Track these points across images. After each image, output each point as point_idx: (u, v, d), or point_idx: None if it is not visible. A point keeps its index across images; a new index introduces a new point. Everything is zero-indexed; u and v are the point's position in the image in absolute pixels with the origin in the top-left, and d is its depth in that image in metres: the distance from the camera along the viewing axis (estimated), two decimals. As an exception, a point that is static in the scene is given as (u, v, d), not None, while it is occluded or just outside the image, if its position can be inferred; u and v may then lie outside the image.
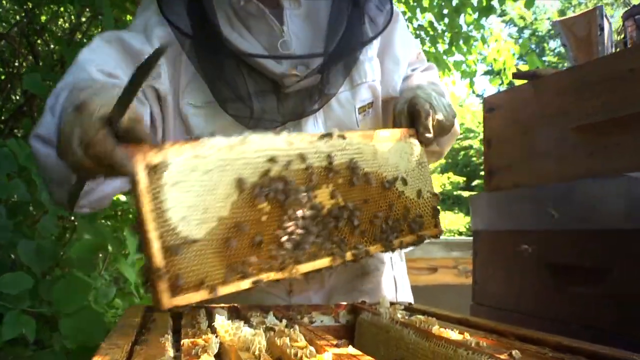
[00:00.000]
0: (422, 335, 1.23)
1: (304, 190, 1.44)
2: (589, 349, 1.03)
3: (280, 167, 1.42)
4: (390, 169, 1.63)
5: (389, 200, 1.62)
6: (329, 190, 1.51)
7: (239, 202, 1.36)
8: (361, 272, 1.98)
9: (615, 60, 1.67)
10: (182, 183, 1.28)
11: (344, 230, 1.54)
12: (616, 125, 1.61)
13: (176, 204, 1.26)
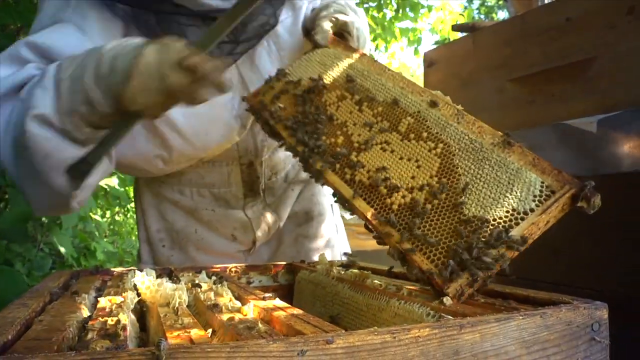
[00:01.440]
0: (357, 288, 1.20)
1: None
2: (521, 293, 1.01)
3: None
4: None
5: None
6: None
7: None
8: (305, 218, 2.08)
9: (552, 9, 1.65)
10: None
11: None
12: (554, 75, 1.59)
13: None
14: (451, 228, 1.08)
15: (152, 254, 2.01)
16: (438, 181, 1.17)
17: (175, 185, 1.95)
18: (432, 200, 1.14)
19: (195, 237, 1.98)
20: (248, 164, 1.91)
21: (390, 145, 1.30)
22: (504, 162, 1.14)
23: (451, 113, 1.29)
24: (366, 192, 1.24)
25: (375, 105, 1.40)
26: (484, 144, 1.19)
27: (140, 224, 2.05)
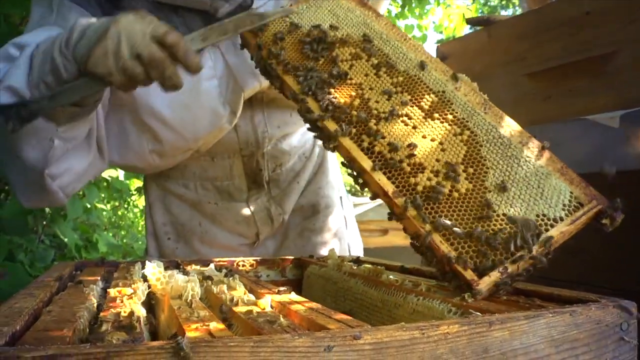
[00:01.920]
0: (371, 284, 1.17)
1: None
2: (544, 291, 0.98)
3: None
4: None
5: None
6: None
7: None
8: (312, 211, 2.04)
9: (571, 3, 1.61)
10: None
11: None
12: (573, 69, 1.56)
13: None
14: (479, 223, 1.03)
15: (158, 247, 2.01)
16: (464, 170, 1.10)
17: (179, 178, 1.94)
18: (459, 189, 1.08)
19: (199, 230, 1.97)
20: (249, 156, 1.88)
21: (412, 120, 1.20)
22: (534, 164, 1.10)
23: (478, 101, 1.23)
24: (386, 166, 1.13)
25: (394, 74, 1.29)
26: (513, 141, 1.14)
27: (147, 218, 2.05)
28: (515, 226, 1.01)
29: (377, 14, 1.48)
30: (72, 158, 1.48)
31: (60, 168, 1.46)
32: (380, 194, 1.12)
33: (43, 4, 1.62)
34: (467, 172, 1.10)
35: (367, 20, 1.44)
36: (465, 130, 1.17)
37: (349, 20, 1.44)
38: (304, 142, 2.05)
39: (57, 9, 1.58)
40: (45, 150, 1.38)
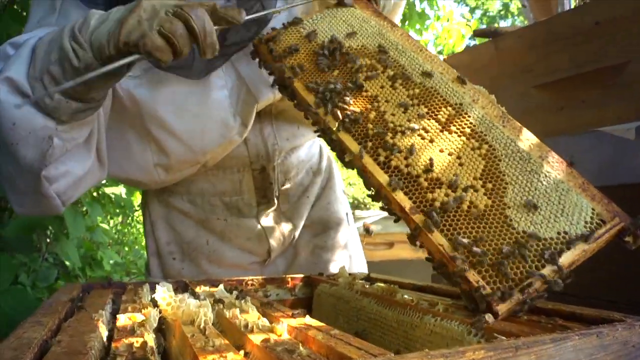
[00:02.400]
0: (384, 303, 1.14)
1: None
2: (565, 310, 0.95)
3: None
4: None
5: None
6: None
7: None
8: (322, 228, 2.01)
9: (580, 13, 1.60)
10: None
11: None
12: (583, 80, 1.54)
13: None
14: (499, 240, 1.00)
15: (162, 267, 1.93)
16: (483, 185, 1.08)
17: (184, 194, 1.88)
18: (478, 204, 1.05)
19: (207, 249, 1.90)
20: (260, 170, 1.84)
21: (429, 133, 1.17)
22: (554, 179, 1.08)
23: (496, 114, 1.21)
24: (403, 181, 1.11)
25: (411, 86, 1.27)
26: (532, 155, 1.12)
27: (148, 236, 1.96)
28: (530, 246, 0.98)
29: (393, 24, 1.46)
30: (71, 160, 1.42)
31: (58, 170, 1.39)
32: (397, 210, 1.10)
33: (44, 4, 1.56)
34: (485, 188, 1.07)
35: (382, 30, 1.43)
36: (484, 144, 1.14)
37: (364, 31, 1.43)
38: (311, 156, 2.03)
39: (59, 9, 1.53)
40: (43, 149, 1.32)
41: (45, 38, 1.30)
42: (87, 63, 1.21)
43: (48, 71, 1.24)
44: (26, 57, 1.28)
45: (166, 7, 1.19)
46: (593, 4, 1.56)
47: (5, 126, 1.27)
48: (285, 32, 1.47)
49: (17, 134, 1.28)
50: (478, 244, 0.99)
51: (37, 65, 1.25)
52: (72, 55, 1.21)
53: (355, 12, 1.49)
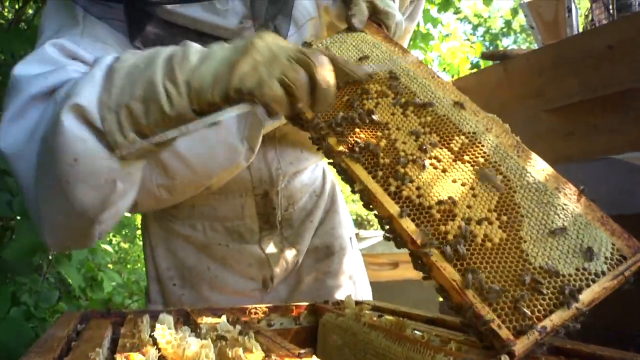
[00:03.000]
0: (393, 338, 1.10)
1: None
2: (585, 350, 0.91)
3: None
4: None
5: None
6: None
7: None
8: (326, 254, 1.97)
9: (590, 37, 1.57)
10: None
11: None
12: (594, 105, 1.51)
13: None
14: (515, 276, 0.96)
15: (162, 292, 1.89)
16: (498, 218, 1.03)
17: (186, 219, 1.84)
18: (492, 238, 1.01)
19: (208, 275, 1.86)
20: (263, 195, 1.80)
21: (441, 163, 1.14)
22: (572, 212, 1.04)
23: (510, 143, 1.17)
24: (415, 213, 1.06)
25: (422, 113, 1.23)
26: (548, 187, 1.08)
27: (148, 261, 1.92)
28: (548, 283, 0.94)
29: (403, 49, 1.43)
30: (122, 199, 1.27)
31: (111, 212, 1.25)
32: (408, 243, 1.05)
33: (61, 14, 1.46)
34: (500, 220, 1.03)
35: (393, 56, 1.40)
36: (498, 175, 1.10)
37: (375, 56, 1.40)
38: (314, 180, 2.00)
39: (83, 22, 1.42)
40: (105, 194, 1.17)
41: (126, 60, 1.15)
42: (180, 112, 1.08)
43: (127, 106, 1.09)
44: (100, 80, 1.12)
45: (286, 51, 1.08)
46: (604, 27, 1.54)
47: (64, 161, 1.11)
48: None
49: (77, 172, 1.12)
50: (494, 280, 0.96)
51: (114, 94, 1.10)
52: (165, 98, 1.07)
53: (365, 37, 1.46)
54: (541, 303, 0.92)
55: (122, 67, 1.12)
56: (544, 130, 1.66)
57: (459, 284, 0.95)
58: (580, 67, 1.57)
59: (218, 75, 1.06)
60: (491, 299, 0.93)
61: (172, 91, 1.07)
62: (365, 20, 1.51)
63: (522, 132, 1.71)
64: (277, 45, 1.08)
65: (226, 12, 1.50)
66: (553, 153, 1.62)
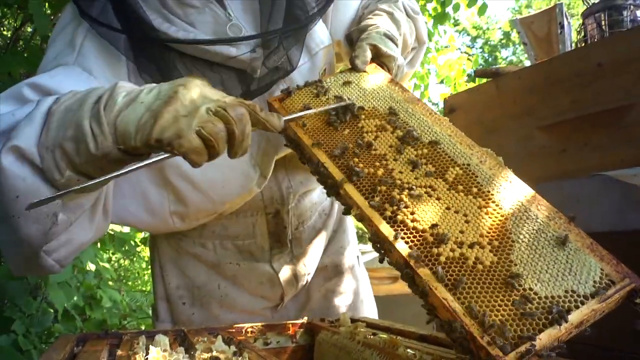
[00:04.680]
0: (387, 357, 1.11)
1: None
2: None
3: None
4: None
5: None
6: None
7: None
8: (335, 272, 1.98)
9: (581, 55, 1.59)
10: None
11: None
12: (586, 123, 1.52)
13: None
14: (505, 297, 0.98)
15: (171, 311, 1.87)
16: (489, 242, 1.07)
17: (196, 238, 1.82)
18: (483, 261, 1.03)
19: (218, 294, 1.84)
20: (274, 214, 1.80)
21: (435, 192, 1.18)
22: (562, 239, 1.06)
23: (503, 175, 1.21)
24: (409, 235, 1.10)
25: (419, 146, 1.29)
26: (539, 216, 1.11)
27: (157, 280, 1.90)
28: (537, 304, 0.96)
29: (403, 88, 1.50)
30: (75, 230, 1.31)
31: (59, 241, 1.28)
32: (402, 264, 1.08)
33: (61, 40, 1.50)
34: (492, 245, 1.06)
35: (393, 94, 1.46)
36: (491, 203, 1.14)
37: (375, 94, 1.47)
38: (323, 199, 2.00)
39: (78, 49, 1.46)
40: (46, 226, 1.21)
41: (63, 102, 1.18)
42: (106, 152, 1.10)
43: (61, 146, 1.12)
44: (39, 122, 1.16)
45: (207, 103, 1.09)
46: (595, 45, 1.56)
47: (7, 197, 1.15)
48: (299, 92, 1.51)
49: (20, 207, 1.15)
50: (484, 300, 0.97)
51: (50, 135, 1.14)
52: (91, 139, 1.10)
53: (367, 77, 1.54)
54: (530, 322, 0.94)
55: (58, 109, 1.17)
56: (537, 147, 1.67)
57: (449, 303, 0.97)
58: (571, 85, 1.59)
59: (140, 123, 1.07)
60: (481, 317, 0.94)
61: (97, 132, 1.10)
62: (367, 62, 1.57)
63: (515, 149, 1.73)
64: (200, 96, 1.10)
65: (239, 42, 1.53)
66: (546, 170, 1.63)
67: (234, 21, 1.56)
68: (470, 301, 0.98)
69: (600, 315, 0.98)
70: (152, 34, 1.44)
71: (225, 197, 1.61)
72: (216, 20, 1.55)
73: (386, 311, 1.72)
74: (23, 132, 1.15)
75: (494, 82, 1.85)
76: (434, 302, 1.01)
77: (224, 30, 1.54)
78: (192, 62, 1.49)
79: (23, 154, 1.14)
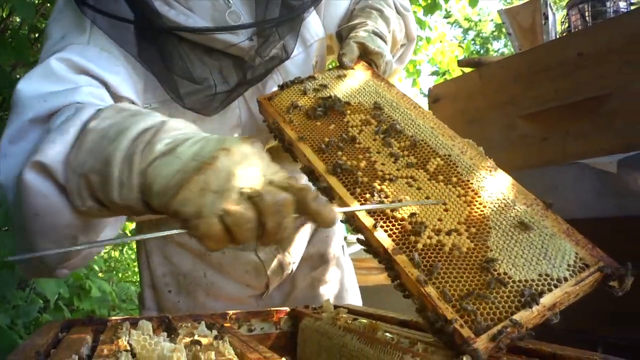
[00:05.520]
0: (366, 341, 1.13)
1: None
2: (546, 350, 0.94)
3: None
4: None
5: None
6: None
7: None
8: (321, 261, 2.00)
9: (563, 45, 1.61)
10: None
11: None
12: (567, 112, 1.54)
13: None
14: (480, 281, 1.01)
15: (157, 299, 1.89)
16: (467, 229, 1.10)
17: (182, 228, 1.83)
18: (460, 247, 1.07)
19: (204, 282, 1.86)
20: None
21: (416, 182, 1.22)
22: (538, 224, 1.09)
23: (484, 164, 1.24)
24: (388, 224, 1.14)
25: (402, 139, 1.33)
26: (517, 202, 1.15)
27: (143, 268, 1.92)
28: (510, 287, 0.98)
29: (389, 84, 1.55)
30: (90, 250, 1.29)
31: (77, 258, 1.28)
32: (380, 252, 1.11)
33: (68, 19, 1.46)
34: (469, 232, 1.09)
35: (378, 89, 1.52)
36: (470, 192, 1.18)
37: (361, 90, 1.52)
38: (309, 188, 2.02)
39: (90, 30, 1.42)
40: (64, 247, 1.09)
41: (102, 120, 1.11)
42: (129, 204, 1.03)
43: (86, 175, 1.06)
44: (71, 139, 1.10)
45: (244, 181, 0.94)
46: (576, 35, 1.57)
47: (26, 213, 1.12)
48: (288, 90, 1.56)
49: (39, 225, 1.12)
50: (459, 284, 1.00)
51: (79, 158, 1.07)
52: (116, 186, 1.02)
53: (354, 73, 1.59)
54: (503, 305, 0.96)
55: (95, 128, 1.09)
56: (519, 136, 1.69)
57: (423, 285, 0.99)
58: (553, 74, 1.61)
59: (168, 185, 0.96)
60: (454, 300, 0.97)
61: (125, 180, 1.02)
62: (355, 59, 1.62)
63: (498, 138, 1.75)
64: (241, 170, 0.95)
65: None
66: (528, 158, 1.65)
67: (232, 8, 1.56)
68: (445, 286, 1.00)
69: (575, 298, 1.00)
70: (156, 19, 1.44)
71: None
72: (215, 7, 1.55)
73: (374, 301, 1.74)
74: (52, 148, 1.09)
75: (478, 71, 1.87)
76: (410, 287, 1.04)
77: (223, 17, 1.55)
78: (191, 48, 1.50)
79: (46, 170, 1.09)
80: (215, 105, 1.54)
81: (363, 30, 1.67)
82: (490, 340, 0.91)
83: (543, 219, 1.10)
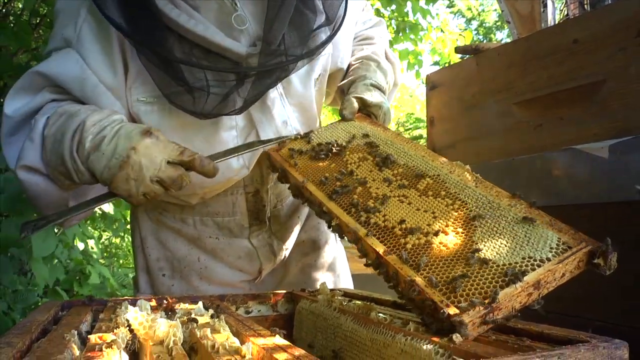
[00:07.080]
0: (360, 321, 1.15)
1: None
2: (534, 329, 0.96)
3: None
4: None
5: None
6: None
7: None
8: (313, 247, 2.04)
9: (558, 32, 1.61)
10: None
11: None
12: (562, 98, 1.55)
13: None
14: (464, 268, 1.05)
15: (151, 283, 1.92)
16: (454, 230, 1.17)
17: (177, 213, 1.88)
18: (447, 245, 1.13)
19: (198, 266, 1.90)
20: (254, 193, 1.85)
21: (407, 198, 1.32)
22: (521, 219, 1.15)
23: (470, 179, 1.33)
24: (380, 233, 1.24)
25: (395, 167, 1.44)
26: (501, 204, 1.21)
27: (138, 252, 1.96)
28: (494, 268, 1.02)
29: (385, 128, 1.71)
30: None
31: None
32: (373, 257, 1.20)
33: (68, 18, 1.56)
34: (456, 232, 1.16)
35: (375, 132, 1.65)
36: (457, 201, 1.26)
37: (359, 134, 1.65)
38: None
39: (78, 32, 1.54)
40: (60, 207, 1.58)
41: (52, 125, 1.48)
42: (88, 183, 1.49)
43: (56, 168, 1.48)
44: (38, 144, 1.49)
45: (151, 170, 1.43)
46: (571, 22, 1.58)
47: (29, 196, 1.58)
48: (294, 142, 1.70)
49: (40, 203, 1.60)
50: (445, 270, 1.06)
51: (47, 157, 1.48)
52: (74, 174, 1.46)
53: (354, 123, 1.74)
54: (488, 285, 0.99)
55: (49, 134, 1.48)
56: (515, 122, 1.70)
57: (407, 272, 1.08)
58: (548, 61, 1.61)
59: (102, 177, 1.44)
60: (440, 285, 1.03)
61: (76, 169, 1.46)
62: (355, 112, 1.75)
63: (494, 124, 1.76)
64: (148, 161, 1.43)
65: (241, 33, 1.55)
66: (522, 144, 1.66)
67: (239, 12, 1.56)
68: (431, 274, 1.05)
69: (561, 277, 1.02)
70: (155, 11, 1.45)
71: (204, 182, 1.63)
72: (221, 8, 1.55)
73: (369, 288, 1.76)
74: (29, 154, 1.50)
75: (474, 58, 1.88)
76: (400, 282, 1.10)
77: (228, 20, 1.55)
78: (191, 48, 1.50)
79: (32, 168, 1.51)
80: (206, 109, 1.54)
81: (362, 84, 1.79)
82: (476, 316, 0.94)
83: (527, 214, 1.15)
